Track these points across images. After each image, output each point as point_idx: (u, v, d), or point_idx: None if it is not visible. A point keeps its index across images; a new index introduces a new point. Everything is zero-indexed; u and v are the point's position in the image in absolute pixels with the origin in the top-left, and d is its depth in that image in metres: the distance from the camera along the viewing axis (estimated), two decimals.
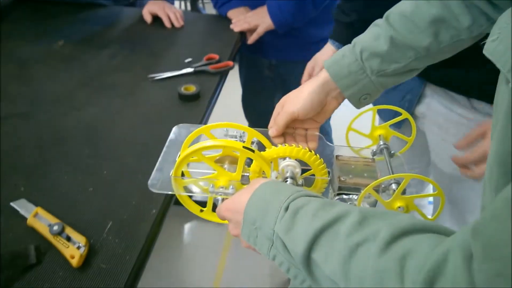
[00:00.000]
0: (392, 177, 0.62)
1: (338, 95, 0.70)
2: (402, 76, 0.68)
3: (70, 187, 0.88)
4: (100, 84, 1.22)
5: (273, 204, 0.49)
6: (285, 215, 0.47)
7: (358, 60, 0.66)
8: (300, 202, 0.47)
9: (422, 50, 0.64)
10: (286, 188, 0.51)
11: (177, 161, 0.65)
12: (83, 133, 1.03)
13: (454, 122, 0.94)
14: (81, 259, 0.72)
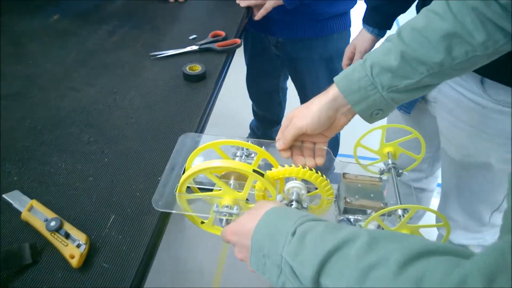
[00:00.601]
0: (399, 207, 0.62)
1: (347, 111, 0.69)
2: (415, 92, 0.66)
3: (68, 177, 0.81)
4: (99, 62, 1.13)
5: (280, 230, 0.49)
6: (293, 240, 0.47)
7: (368, 75, 0.64)
8: (307, 226, 0.47)
9: (435, 66, 0.62)
10: (293, 214, 0.51)
11: (182, 178, 0.66)
12: (82, 116, 0.95)
13: (466, 108, 0.90)
14: (82, 259, 0.66)
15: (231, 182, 0.73)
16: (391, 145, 0.76)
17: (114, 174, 0.82)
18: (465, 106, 0.90)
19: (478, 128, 0.90)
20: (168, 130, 0.92)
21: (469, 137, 0.93)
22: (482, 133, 0.90)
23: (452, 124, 0.96)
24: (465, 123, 0.92)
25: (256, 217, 0.54)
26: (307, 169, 0.68)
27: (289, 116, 0.74)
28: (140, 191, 0.79)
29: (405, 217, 0.62)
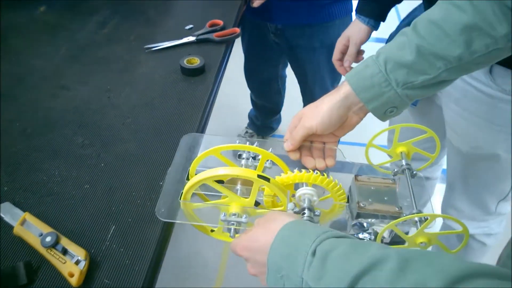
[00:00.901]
0: (416, 216, 0.59)
1: (359, 109, 0.65)
2: (431, 88, 0.62)
3: (63, 185, 0.75)
4: (91, 58, 1.07)
5: (299, 249, 0.46)
6: (314, 261, 0.44)
7: (382, 71, 0.61)
8: (328, 245, 0.44)
9: (454, 60, 0.58)
10: (311, 230, 0.48)
11: (186, 187, 0.63)
12: (75, 117, 0.90)
13: (473, 98, 0.87)
14: (82, 276, 0.61)
15: (238, 188, 0.68)
16: (405, 144, 0.71)
17: (112, 180, 0.76)
18: (473, 96, 0.87)
19: (485, 119, 0.87)
20: (167, 130, 0.87)
21: (476, 128, 0.90)
22: (490, 124, 0.87)
23: (459, 115, 0.92)
24: (473, 113, 0.89)
25: (269, 231, 0.51)
26: (318, 174, 0.64)
27: (298, 115, 0.70)
28: (141, 198, 0.73)
29: (422, 225, 0.58)
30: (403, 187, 0.68)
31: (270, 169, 0.71)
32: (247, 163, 0.72)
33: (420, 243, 0.58)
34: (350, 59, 1.11)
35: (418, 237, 0.58)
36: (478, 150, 0.93)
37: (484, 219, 1.07)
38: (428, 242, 0.58)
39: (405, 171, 0.68)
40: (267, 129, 2.06)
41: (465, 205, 1.08)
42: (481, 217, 1.07)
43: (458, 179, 1.06)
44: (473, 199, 1.06)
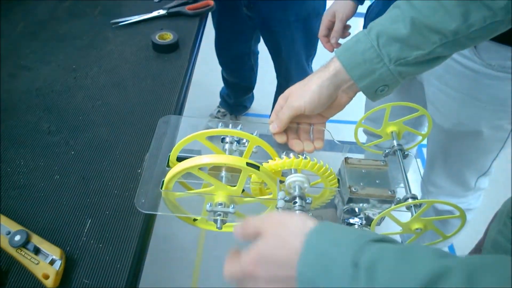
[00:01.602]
0: (413, 203, 0.56)
1: (349, 88, 0.62)
2: (425, 65, 0.59)
3: (30, 176, 0.69)
4: (52, 34, 0.98)
5: (335, 259, 0.39)
6: (360, 276, 0.37)
7: (374, 46, 0.57)
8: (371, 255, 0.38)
9: (449, 34, 0.55)
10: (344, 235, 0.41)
11: (167, 177, 0.58)
12: (38, 100, 0.82)
13: (456, 74, 0.85)
14: (58, 277, 0.56)
15: (223, 175, 0.64)
16: (395, 124, 0.69)
17: (85, 170, 0.70)
18: (456, 71, 0.85)
19: (469, 95, 0.85)
20: (142, 112, 0.81)
21: (459, 104, 0.89)
22: (473, 99, 0.86)
23: (441, 91, 0.91)
24: (455, 89, 0.87)
25: (286, 241, 0.42)
26: (308, 159, 0.60)
27: (284, 95, 0.65)
28: (118, 188, 0.68)
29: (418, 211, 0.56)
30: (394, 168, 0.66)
31: (256, 153, 0.67)
32: (231, 148, 0.67)
33: (415, 229, 0.56)
34: (336, 35, 1.07)
35: (413, 223, 0.56)
36: (460, 127, 0.92)
37: (463, 195, 1.08)
38: (424, 227, 0.56)
39: (396, 152, 0.66)
40: (240, 107, 2.01)
41: (445, 181, 1.08)
42: (461, 193, 1.08)
43: (438, 156, 1.06)
44: (454, 175, 1.06)
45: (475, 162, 1.01)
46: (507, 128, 0.89)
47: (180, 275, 1.50)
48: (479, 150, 0.97)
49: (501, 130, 0.90)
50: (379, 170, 0.65)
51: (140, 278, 0.60)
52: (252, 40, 1.69)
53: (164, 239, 1.59)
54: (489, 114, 0.86)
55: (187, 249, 1.58)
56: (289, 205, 0.57)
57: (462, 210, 0.55)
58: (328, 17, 1.09)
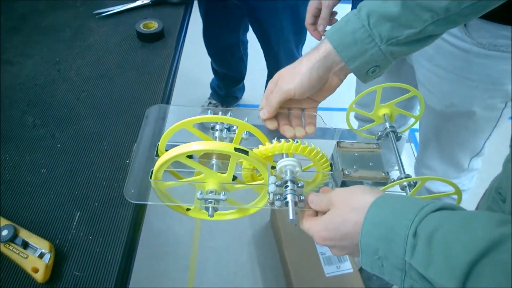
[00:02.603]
0: (406, 180, 0.56)
1: (340, 70, 0.60)
2: (416, 44, 0.58)
3: (16, 171, 0.67)
4: (34, 27, 0.96)
5: (396, 230, 0.41)
6: (418, 245, 0.39)
7: (365, 25, 0.56)
8: (430, 225, 0.39)
9: (441, 11, 0.54)
10: (405, 207, 0.42)
11: (156, 165, 0.56)
12: (21, 94, 0.80)
13: (447, 54, 0.84)
14: (48, 271, 0.54)
15: (214, 162, 0.63)
16: (387, 106, 0.68)
17: (72, 162, 0.69)
18: (447, 51, 0.84)
19: (460, 75, 0.85)
20: (129, 102, 0.79)
21: (451, 85, 0.88)
22: (465, 79, 0.85)
23: (432, 72, 0.90)
24: (447, 70, 0.86)
25: (350, 216, 0.46)
26: (299, 143, 0.59)
27: (274, 79, 0.64)
28: (107, 179, 0.67)
29: (413, 190, 0.55)
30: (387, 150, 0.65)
31: (247, 140, 0.66)
32: (221, 135, 0.66)
33: None
34: (323, 22, 1.06)
35: None
36: (452, 108, 0.91)
37: (457, 176, 1.08)
38: None
39: (389, 134, 0.65)
40: (231, 98, 1.99)
41: (438, 163, 1.08)
42: (454, 174, 1.07)
43: (431, 138, 1.05)
44: (447, 157, 1.06)
45: (468, 143, 1.01)
46: (499, 107, 0.89)
47: (177, 268, 1.49)
48: (472, 131, 0.97)
49: (493, 109, 0.89)
50: (372, 153, 0.65)
51: (132, 268, 0.59)
52: (240, 29, 1.67)
53: (159, 233, 1.58)
54: (481, 94, 0.85)
55: (183, 241, 1.57)
56: (281, 189, 0.56)
57: (457, 187, 0.55)
58: (314, 5, 1.07)
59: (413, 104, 1.15)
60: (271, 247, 1.54)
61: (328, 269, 1.32)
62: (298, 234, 1.40)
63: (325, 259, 1.34)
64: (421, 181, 0.55)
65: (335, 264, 1.33)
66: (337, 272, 1.32)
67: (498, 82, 0.82)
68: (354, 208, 0.46)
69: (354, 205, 0.46)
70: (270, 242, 1.55)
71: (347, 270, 1.32)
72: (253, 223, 1.61)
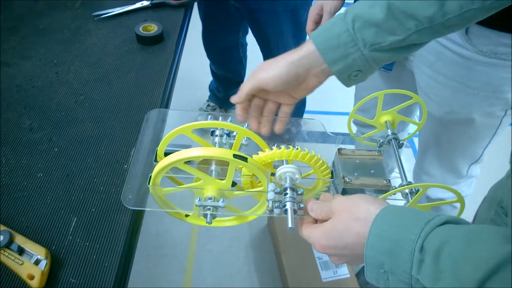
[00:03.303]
0: (408, 187, 0.56)
1: (321, 72, 0.60)
2: (399, 52, 0.58)
3: (12, 175, 0.66)
4: (32, 29, 0.95)
5: (402, 245, 0.41)
6: (425, 261, 0.39)
7: (350, 30, 0.56)
8: (436, 240, 0.39)
9: (425, 21, 0.55)
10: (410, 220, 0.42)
11: (154, 171, 0.56)
12: (18, 96, 0.79)
13: (448, 61, 0.84)
14: (44, 278, 0.54)
15: (213, 169, 0.63)
16: (389, 113, 0.68)
17: (69, 167, 0.68)
18: (447, 59, 0.84)
19: (461, 82, 0.85)
20: (128, 106, 0.78)
21: (451, 92, 0.88)
22: (465, 87, 0.85)
23: (433, 79, 0.90)
24: (447, 77, 0.86)
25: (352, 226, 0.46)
26: (299, 150, 0.59)
27: (255, 69, 0.64)
28: (104, 184, 0.66)
29: (414, 197, 0.55)
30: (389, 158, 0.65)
31: (246, 146, 0.66)
32: (221, 141, 0.66)
33: None
34: None
35: None
36: (452, 115, 0.91)
37: (455, 183, 1.08)
38: None
39: (391, 141, 0.64)
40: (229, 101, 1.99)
41: (437, 170, 1.08)
42: (453, 180, 1.07)
43: (430, 144, 1.05)
44: (445, 163, 1.06)
45: (467, 150, 1.01)
46: (499, 115, 0.89)
47: (174, 270, 1.48)
48: (471, 138, 0.97)
49: (493, 117, 0.89)
50: (374, 160, 0.65)
51: (129, 275, 0.59)
52: (240, 32, 1.67)
53: (157, 236, 1.57)
54: (481, 101, 0.85)
55: (180, 244, 1.56)
56: (280, 197, 0.56)
57: (460, 195, 0.54)
58: (316, 11, 1.06)
59: (412, 110, 1.15)
60: (268, 251, 1.53)
61: (325, 274, 1.32)
62: (295, 239, 1.40)
63: (322, 264, 1.34)
64: (423, 188, 0.54)
65: (332, 269, 1.33)
66: (334, 277, 1.31)
67: (498, 90, 0.82)
68: (357, 218, 0.46)
69: (357, 215, 0.46)
70: (267, 246, 1.55)
71: (344, 275, 1.32)
72: (251, 227, 1.61)
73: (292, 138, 0.74)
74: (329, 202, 0.51)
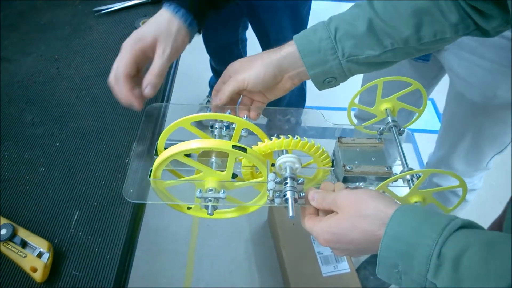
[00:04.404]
0: (409, 173, 0.56)
1: (297, 75, 0.62)
2: (373, 67, 0.62)
3: (14, 169, 0.67)
4: (32, 25, 0.95)
5: (419, 249, 0.41)
6: (444, 268, 0.39)
7: (331, 37, 0.59)
8: (455, 247, 0.39)
9: (400, 42, 0.59)
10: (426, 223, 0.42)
11: (155, 164, 0.56)
12: (20, 92, 0.80)
13: (492, 45, 0.83)
14: (47, 270, 0.54)
15: (213, 161, 0.63)
16: (389, 100, 0.68)
17: (70, 161, 0.69)
18: (492, 43, 0.82)
19: (507, 66, 0.82)
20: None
21: (496, 77, 0.86)
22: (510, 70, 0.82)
23: (476, 64, 0.88)
24: (493, 61, 0.85)
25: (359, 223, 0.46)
26: (299, 139, 0.59)
27: (233, 67, 0.66)
28: (106, 178, 0.67)
29: (416, 182, 0.55)
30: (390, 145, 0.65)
31: (246, 138, 0.66)
32: (220, 133, 0.66)
33: (414, 202, 0.55)
34: None
35: (412, 196, 0.55)
36: (495, 100, 0.89)
37: (470, 175, 1.07)
38: (423, 201, 0.55)
39: (392, 128, 0.65)
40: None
41: (459, 160, 1.06)
42: (469, 173, 1.06)
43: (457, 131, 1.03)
44: (472, 153, 1.03)
45: (497, 138, 0.99)
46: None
47: (174, 265, 1.49)
48: (504, 124, 0.95)
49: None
50: (374, 148, 0.65)
51: (131, 268, 0.59)
52: (239, 28, 1.67)
53: (157, 231, 1.58)
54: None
55: (180, 239, 1.57)
56: (280, 186, 0.56)
57: (462, 179, 0.54)
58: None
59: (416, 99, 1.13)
60: (269, 246, 1.54)
61: (325, 268, 1.32)
62: (295, 234, 1.41)
63: (323, 258, 1.35)
64: (424, 174, 0.55)
65: (332, 264, 1.34)
66: (334, 272, 1.32)
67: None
68: (365, 216, 0.46)
69: (365, 213, 0.46)
70: (267, 241, 1.56)
71: (344, 270, 1.33)
72: (251, 222, 1.62)
73: (291, 128, 0.74)
74: (333, 194, 0.51)
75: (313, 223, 0.51)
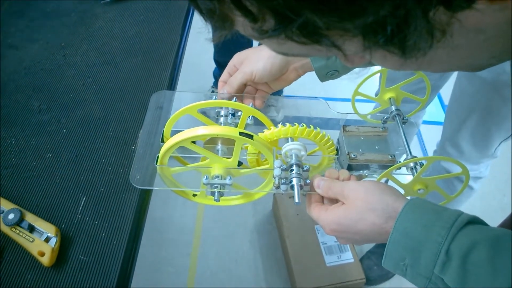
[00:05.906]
0: (413, 160, 0.56)
1: (301, 66, 0.64)
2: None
3: (22, 155, 0.67)
4: (39, 12, 0.95)
5: (427, 245, 0.41)
6: (452, 264, 0.39)
7: None
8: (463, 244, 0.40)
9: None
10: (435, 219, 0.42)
11: (162, 151, 0.56)
12: (27, 79, 0.80)
13: None
14: (54, 255, 0.55)
15: (219, 148, 0.63)
16: (393, 89, 0.68)
17: (77, 147, 0.69)
18: None
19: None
20: (135, 88, 0.79)
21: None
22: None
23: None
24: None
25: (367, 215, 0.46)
26: (304, 127, 0.59)
27: (239, 58, 0.66)
28: (112, 164, 0.67)
29: (419, 170, 0.55)
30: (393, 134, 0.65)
31: (252, 125, 0.66)
32: (226, 121, 0.66)
33: (417, 189, 0.55)
34: None
35: (415, 184, 0.55)
36: (502, 75, 0.87)
37: (477, 162, 1.06)
38: (426, 188, 0.55)
39: (395, 117, 0.65)
40: None
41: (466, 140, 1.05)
42: (476, 159, 1.05)
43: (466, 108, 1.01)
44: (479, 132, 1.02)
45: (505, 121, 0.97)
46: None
47: (179, 255, 1.50)
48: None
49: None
50: (378, 137, 0.65)
51: (137, 254, 0.60)
52: None
53: (161, 220, 1.59)
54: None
55: (185, 229, 1.58)
56: (286, 173, 0.56)
57: (464, 166, 0.54)
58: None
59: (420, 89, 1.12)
60: (273, 236, 1.55)
61: (329, 258, 1.33)
62: (299, 224, 1.41)
63: (326, 248, 1.35)
64: (428, 161, 0.55)
65: (336, 254, 1.34)
66: (338, 261, 1.33)
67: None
68: (373, 209, 0.46)
69: (374, 206, 0.46)
70: (272, 231, 1.56)
71: (348, 260, 1.33)
72: (255, 212, 1.62)
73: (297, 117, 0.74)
74: (339, 183, 0.51)
75: (319, 212, 0.51)
